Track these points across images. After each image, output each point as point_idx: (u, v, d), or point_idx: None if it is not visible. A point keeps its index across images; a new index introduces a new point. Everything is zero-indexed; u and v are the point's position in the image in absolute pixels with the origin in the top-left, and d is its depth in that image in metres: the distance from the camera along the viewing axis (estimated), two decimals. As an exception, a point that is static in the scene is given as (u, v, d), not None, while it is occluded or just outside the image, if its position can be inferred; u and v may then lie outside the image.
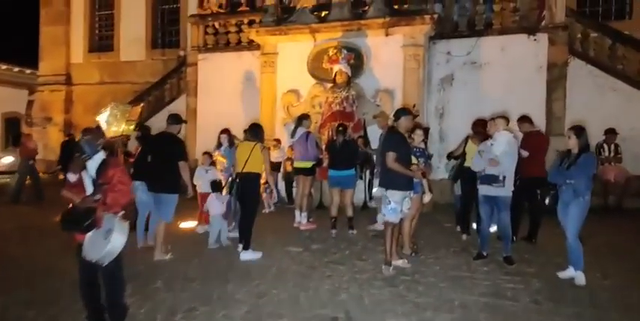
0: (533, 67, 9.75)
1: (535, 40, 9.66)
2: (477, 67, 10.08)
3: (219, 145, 7.57)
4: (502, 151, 5.43)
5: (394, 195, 5.02)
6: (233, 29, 11.68)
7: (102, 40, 18.04)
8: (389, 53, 9.76)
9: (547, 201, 5.09)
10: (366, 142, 9.02)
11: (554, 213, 5.00)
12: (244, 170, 5.81)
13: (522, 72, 9.76)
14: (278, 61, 10.54)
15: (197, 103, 12.16)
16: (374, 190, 8.32)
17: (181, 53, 14.27)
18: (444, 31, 10.20)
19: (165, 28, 17.13)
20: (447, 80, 10.25)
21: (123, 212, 3.61)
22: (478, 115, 9.66)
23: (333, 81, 9.55)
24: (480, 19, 10.07)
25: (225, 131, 7.50)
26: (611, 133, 8.91)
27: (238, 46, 11.69)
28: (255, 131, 6.03)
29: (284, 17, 10.50)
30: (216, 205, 6.35)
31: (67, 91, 17.54)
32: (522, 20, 9.86)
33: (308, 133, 7.60)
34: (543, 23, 9.68)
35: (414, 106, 9.25)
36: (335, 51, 9.51)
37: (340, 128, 7.07)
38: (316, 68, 10.13)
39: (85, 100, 17.07)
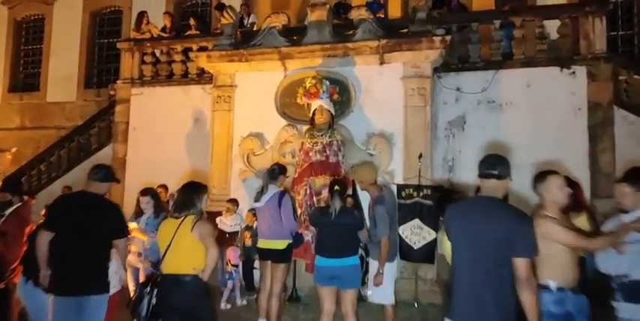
0: (570, 109, 7.52)
1: (572, 73, 7.48)
2: (495, 107, 7.77)
3: (138, 212, 4.77)
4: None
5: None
6: (178, 58, 9.09)
7: (27, 77, 15.28)
8: (385, 86, 7.35)
9: None
10: (357, 204, 6.42)
11: None
12: (167, 270, 3.06)
13: (555, 114, 7.52)
14: (236, 96, 7.94)
15: (127, 151, 9.31)
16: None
17: (112, 90, 11.56)
18: (451, 61, 7.94)
19: (103, 65, 14.50)
20: (457, 123, 7.86)
21: None
22: None
23: (311, 122, 7.02)
24: (496, 48, 7.87)
25: (148, 192, 4.75)
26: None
27: (185, 78, 9.09)
28: (187, 196, 3.37)
29: (245, 41, 8.04)
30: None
31: (-23, 138, 14.41)
32: (551, 49, 7.73)
33: (282, 194, 4.88)
34: (580, 54, 7.56)
35: (420, 156, 6.83)
36: (314, 82, 7.02)
37: (337, 187, 4.33)
38: (287, 105, 7.61)
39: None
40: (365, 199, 5.51)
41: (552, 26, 7.90)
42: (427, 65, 7.21)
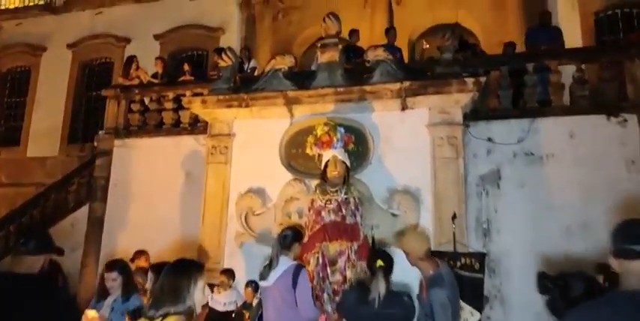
0: (622, 162, 6.47)
1: (622, 121, 6.51)
2: (534, 160, 6.71)
3: (101, 293, 3.51)
4: None
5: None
6: (170, 105, 8.09)
7: (8, 131, 14.32)
8: (407, 135, 6.33)
9: None
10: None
11: None
12: None
13: (606, 168, 6.45)
14: (234, 146, 6.87)
15: (106, 211, 8.07)
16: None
17: (97, 142, 10.49)
18: (481, 109, 6.97)
19: (90, 119, 13.54)
20: (490, 179, 6.75)
21: None
22: (546, 231, 6.31)
23: (323, 176, 5.90)
24: (531, 94, 6.93)
25: (115, 266, 3.53)
26: None
27: (176, 128, 8.04)
28: (173, 283, 2.17)
29: (245, 86, 7.08)
30: None
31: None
32: (596, 95, 6.81)
33: (298, 270, 3.65)
34: (628, 100, 6.63)
35: (454, 216, 5.71)
36: (326, 129, 5.95)
37: (381, 262, 3.08)
38: (294, 156, 6.53)
39: (-26, 207, 12.68)
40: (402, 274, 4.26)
41: (567, 71, 6.99)
42: (457, 111, 6.22)
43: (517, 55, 7.57)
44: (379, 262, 3.10)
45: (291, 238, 3.77)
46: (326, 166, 5.88)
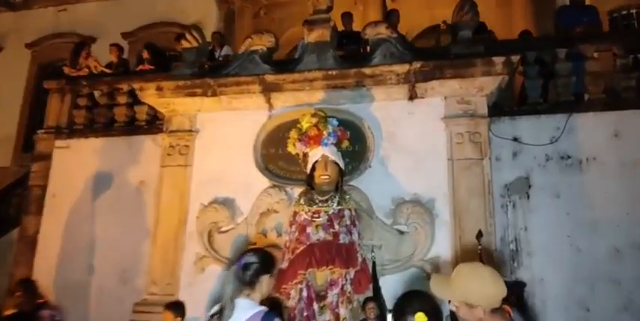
0: (681, 167, 5.21)
1: (680, 116, 5.25)
2: (572, 165, 5.38)
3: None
4: None
5: None
6: (123, 99, 6.66)
7: (-44, 141, 12.80)
8: (418, 131, 5.00)
9: None
10: (382, 316, 3.84)
11: None
12: None
13: (661, 174, 5.18)
14: (197, 146, 5.47)
15: (41, 227, 6.53)
16: None
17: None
18: (504, 103, 5.67)
19: (47, 126, 12.09)
20: (518, 188, 5.38)
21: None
22: (588, 254, 5.05)
23: (310, 181, 4.54)
24: (565, 85, 5.66)
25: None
26: None
27: (129, 127, 6.58)
28: None
29: (214, 72, 5.72)
30: None
31: None
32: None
33: (269, 318, 2.19)
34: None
35: (480, 234, 4.38)
36: (314, 121, 4.59)
37: (421, 314, 1.65)
38: (272, 158, 5.17)
39: None
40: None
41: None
42: (482, 100, 4.91)
43: (547, 39, 6.31)
44: (418, 315, 1.71)
45: (256, 268, 2.31)
46: (313, 168, 4.53)
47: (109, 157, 6.46)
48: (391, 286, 4.40)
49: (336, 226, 4.25)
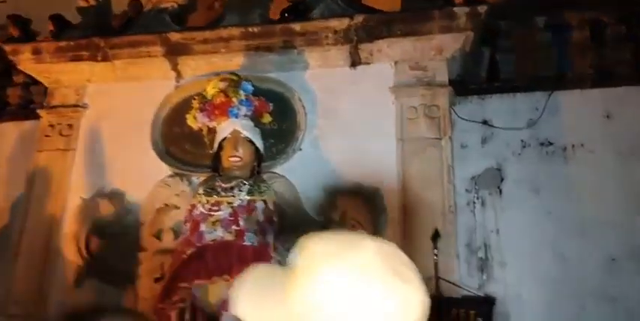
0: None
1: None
2: (554, 153, 4.38)
3: None
4: None
5: None
6: (20, 79, 5.46)
7: None
8: (360, 104, 3.93)
9: None
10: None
11: None
12: None
13: (664, 164, 4.21)
14: (83, 126, 4.30)
15: None
16: None
17: None
18: (471, 80, 4.67)
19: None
20: (488, 181, 4.35)
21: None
22: (576, 265, 4.11)
23: (215, 165, 3.43)
24: (545, 59, 4.69)
25: None
26: None
27: (24, 110, 5.37)
28: None
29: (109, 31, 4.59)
30: None
31: None
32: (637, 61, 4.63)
33: None
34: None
35: (437, 234, 3.32)
36: (222, 86, 3.48)
37: None
38: (176, 139, 4.05)
39: None
40: None
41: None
42: (441, 65, 3.88)
43: (522, 6, 5.38)
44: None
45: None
46: (221, 147, 3.41)
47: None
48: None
49: (242, 223, 3.12)
